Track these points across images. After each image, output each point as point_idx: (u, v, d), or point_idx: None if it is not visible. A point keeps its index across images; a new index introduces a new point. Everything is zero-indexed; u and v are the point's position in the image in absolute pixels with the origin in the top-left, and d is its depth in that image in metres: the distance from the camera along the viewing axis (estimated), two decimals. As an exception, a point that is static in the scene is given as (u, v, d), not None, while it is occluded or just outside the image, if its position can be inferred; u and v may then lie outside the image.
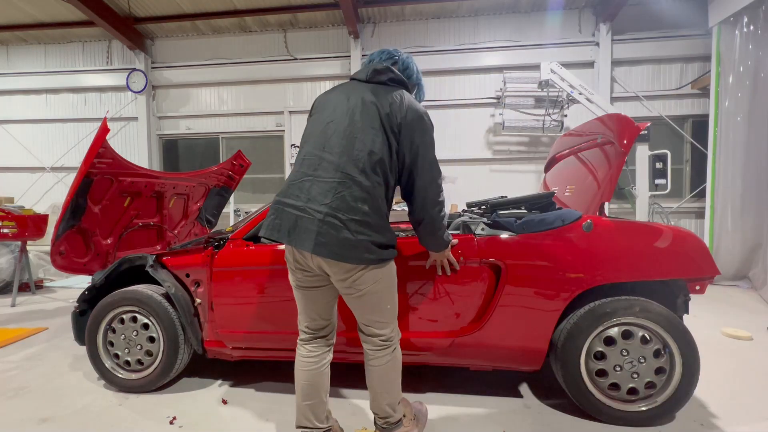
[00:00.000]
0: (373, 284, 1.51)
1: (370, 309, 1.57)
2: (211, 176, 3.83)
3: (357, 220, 1.41)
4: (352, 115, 1.50)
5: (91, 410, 2.09)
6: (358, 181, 1.44)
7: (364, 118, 1.49)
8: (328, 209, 1.41)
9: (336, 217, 1.41)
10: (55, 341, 3.13)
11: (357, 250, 1.41)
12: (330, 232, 1.40)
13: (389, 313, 1.60)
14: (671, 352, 1.85)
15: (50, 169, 7.46)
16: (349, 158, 1.46)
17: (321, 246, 1.41)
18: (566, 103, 5.66)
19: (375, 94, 1.52)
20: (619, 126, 2.35)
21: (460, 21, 6.44)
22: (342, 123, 1.51)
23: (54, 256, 2.70)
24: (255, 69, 6.85)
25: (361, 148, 1.46)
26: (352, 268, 1.45)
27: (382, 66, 1.60)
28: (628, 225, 1.95)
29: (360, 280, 1.49)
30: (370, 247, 1.43)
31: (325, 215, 1.41)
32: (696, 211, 6.04)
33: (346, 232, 1.40)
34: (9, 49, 7.48)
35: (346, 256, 1.42)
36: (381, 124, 1.48)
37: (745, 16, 4.75)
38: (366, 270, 1.47)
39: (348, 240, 1.40)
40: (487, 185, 6.39)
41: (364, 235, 1.42)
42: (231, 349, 2.25)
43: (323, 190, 1.44)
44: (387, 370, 1.60)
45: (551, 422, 1.93)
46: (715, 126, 5.07)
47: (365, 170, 1.45)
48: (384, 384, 1.61)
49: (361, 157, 1.45)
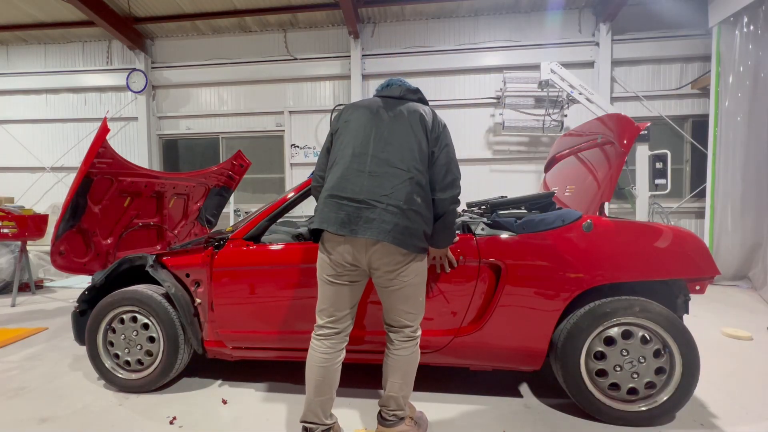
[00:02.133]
0: (414, 277, 1.64)
1: (406, 301, 1.66)
2: (211, 176, 3.83)
3: (414, 210, 1.56)
4: (396, 121, 1.67)
5: (91, 410, 2.09)
6: (411, 175, 1.59)
7: (411, 123, 1.66)
8: (389, 200, 1.55)
9: (397, 207, 1.54)
10: (55, 341, 3.13)
11: (414, 237, 1.56)
12: (393, 219, 1.53)
13: (422, 305, 1.72)
14: (671, 352, 1.85)
15: (50, 169, 7.46)
16: (401, 156, 1.61)
17: (384, 233, 1.52)
18: (566, 103, 5.67)
19: (413, 107, 1.71)
20: (619, 126, 2.35)
21: (460, 21, 6.44)
22: (387, 127, 1.66)
23: (54, 256, 2.70)
24: (255, 69, 6.85)
25: (410, 149, 1.62)
26: (405, 256, 1.58)
27: (414, 87, 1.82)
28: (628, 225, 1.95)
29: (406, 272, 1.61)
30: (422, 236, 1.59)
31: (387, 205, 1.54)
32: (696, 211, 6.04)
33: (406, 221, 1.54)
34: (9, 49, 7.48)
35: (407, 242, 1.54)
36: (423, 129, 1.66)
37: (745, 16, 4.75)
38: (413, 261, 1.61)
39: (408, 228, 1.54)
40: (487, 185, 6.38)
41: (418, 224, 1.57)
42: (231, 349, 2.25)
43: (380, 183, 1.57)
44: (409, 362, 1.69)
45: (551, 422, 1.93)
46: (715, 126, 5.07)
47: (416, 167, 1.60)
48: (404, 376, 1.69)
49: (411, 156, 1.61)
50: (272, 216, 2.22)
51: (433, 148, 1.65)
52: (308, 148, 6.88)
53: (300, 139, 6.89)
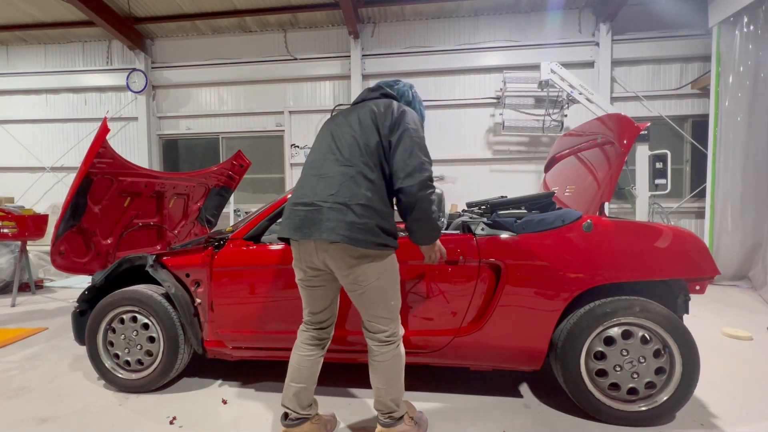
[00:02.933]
0: (376, 280, 1.56)
1: (373, 305, 1.61)
2: (211, 176, 3.83)
3: (362, 205, 1.50)
4: (351, 122, 1.64)
5: (91, 410, 2.09)
6: (360, 170, 1.54)
7: (361, 119, 1.62)
8: (334, 198, 1.51)
9: (343, 203, 1.50)
10: (55, 341, 3.13)
11: (365, 233, 1.48)
12: (337, 216, 1.49)
13: (393, 309, 1.64)
14: (671, 352, 1.85)
15: (50, 169, 7.46)
16: (351, 154, 1.57)
17: (329, 231, 1.48)
18: (566, 103, 5.67)
19: (367, 105, 1.66)
20: (619, 126, 2.35)
21: (460, 21, 6.44)
22: (343, 130, 1.64)
23: (54, 256, 2.70)
24: (255, 69, 6.85)
25: (357, 145, 1.57)
26: (359, 256, 1.51)
27: (375, 86, 1.78)
28: (628, 225, 1.95)
29: (364, 275, 1.54)
30: (376, 231, 1.50)
31: (333, 203, 1.51)
32: (696, 211, 6.04)
33: (351, 216, 1.48)
34: (9, 49, 7.48)
35: (356, 239, 1.47)
36: (373, 122, 1.59)
37: (745, 16, 4.75)
38: (371, 262, 1.53)
39: (354, 223, 1.48)
40: (487, 185, 6.39)
41: (369, 218, 1.49)
42: (231, 349, 2.25)
43: (329, 183, 1.55)
44: (392, 366, 1.63)
45: (551, 422, 1.93)
46: (715, 126, 5.07)
47: (363, 161, 1.55)
48: (389, 380, 1.64)
49: (358, 152, 1.56)
50: (272, 216, 2.22)
51: (390, 138, 1.55)
52: (308, 148, 6.87)
53: (300, 139, 6.89)
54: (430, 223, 1.59)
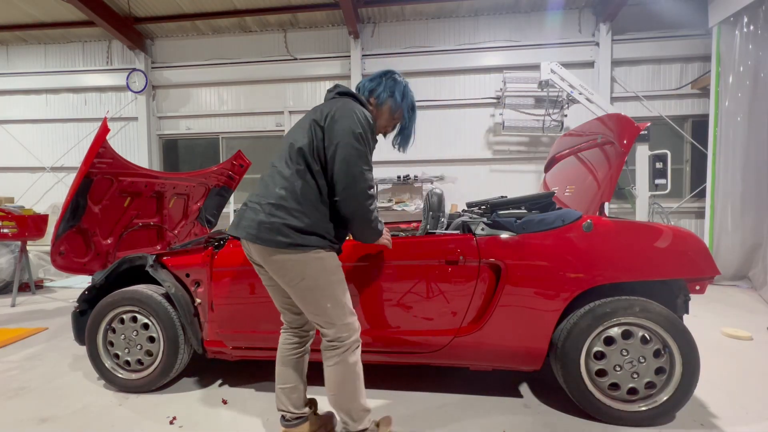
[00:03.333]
0: (300, 281, 1.52)
1: (306, 305, 1.57)
2: (211, 176, 3.82)
3: (272, 204, 1.49)
4: (300, 123, 1.63)
5: (91, 410, 2.09)
6: (279, 170, 1.55)
7: (301, 123, 1.62)
8: (257, 197, 1.55)
9: (258, 203, 1.53)
10: (55, 341, 3.13)
11: (271, 232, 1.47)
12: (250, 215, 1.52)
13: (331, 313, 1.55)
14: (671, 352, 1.85)
15: (50, 169, 7.46)
16: (279, 155, 1.59)
17: (241, 229, 1.53)
18: (566, 103, 5.66)
19: (320, 107, 1.61)
20: (619, 126, 2.35)
21: (460, 21, 6.44)
22: (290, 131, 1.65)
23: (54, 256, 2.69)
24: (255, 69, 6.85)
25: (287, 145, 1.58)
26: (271, 253, 1.50)
27: (332, 86, 1.73)
28: (628, 225, 1.95)
29: (285, 271, 1.52)
30: (284, 230, 1.46)
31: (253, 203, 1.54)
32: (696, 211, 6.04)
33: (262, 215, 1.49)
34: (9, 49, 7.48)
35: (262, 238, 1.47)
36: (309, 122, 1.56)
37: (745, 16, 4.75)
38: (285, 258, 1.49)
39: (263, 222, 1.48)
40: (487, 185, 6.38)
41: (277, 217, 1.47)
42: (231, 349, 2.25)
43: (263, 184, 1.58)
44: (337, 373, 1.55)
45: (551, 422, 1.93)
46: (715, 126, 5.07)
47: (286, 160, 1.55)
48: (336, 387, 1.56)
49: (285, 149, 1.57)
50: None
51: (325, 144, 1.51)
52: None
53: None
54: (368, 230, 1.63)
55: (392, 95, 1.70)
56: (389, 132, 1.80)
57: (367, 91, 1.71)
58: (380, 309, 2.06)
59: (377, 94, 1.69)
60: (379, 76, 1.73)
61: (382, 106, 1.71)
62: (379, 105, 1.70)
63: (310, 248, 1.49)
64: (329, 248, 1.56)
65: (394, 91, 1.70)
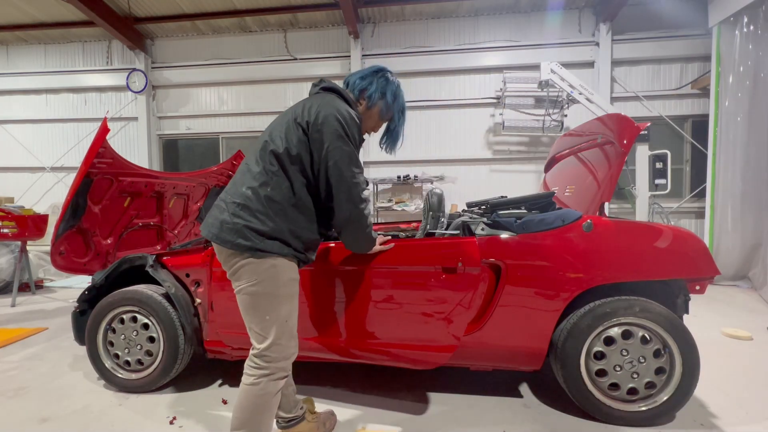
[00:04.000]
0: (248, 285, 1.42)
1: (245, 312, 1.46)
2: (211, 176, 3.83)
3: (237, 203, 1.43)
4: (279, 120, 1.55)
5: (91, 410, 2.09)
6: (249, 168, 1.48)
7: (279, 120, 1.54)
8: (224, 196, 1.49)
9: (224, 200, 1.47)
10: (55, 341, 3.13)
11: (232, 233, 1.40)
12: (215, 213, 1.47)
13: (267, 326, 1.42)
14: (671, 352, 1.85)
15: (50, 169, 7.46)
16: (252, 152, 1.52)
17: (206, 227, 1.48)
18: (566, 103, 5.66)
19: (303, 103, 1.55)
20: (619, 126, 2.35)
21: (460, 21, 6.44)
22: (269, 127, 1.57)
23: (54, 256, 2.70)
24: (255, 69, 6.84)
25: (261, 141, 1.51)
26: (229, 255, 1.44)
27: (318, 80, 1.67)
28: (628, 225, 1.95)
29: (238, 274, 1.44)
30: (245, 233, 1.39)
31: (221, 201, 1.49)
32: (696, 211, 6.04)
33: (225, 214, 1.43)
34: (9, 49, 7.48)
35: (222, 238, 1.41)
36: (288, 120, 1.49)
37: (745, 16, 4.75)
38: (244, 262, 1.41)
39: (225, 222, 1.42)
40: (487, 185, 6.38)
41: (240, 218, 1.40)
42: (231, 349, 2.24)
43: (232, 182, 1.52)
44: (246, 395, 1.41)
45: (551, 422, 1.93)
46: (715, 126, 5.07)
47: (257, 159, 1.47)
48: (242, 411, 1.41)
49: (258, 147, 1.50)
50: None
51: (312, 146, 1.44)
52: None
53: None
54: (364, 235, 1.61)
55: (383, 97, 1.64)
56: (376, 132, 1.75)
57: (357, 90, 1.63)
58: (376, 311, 2.03)
59: (369, 94, 1.62)
60: (371, 74, 1.65)
61: (373, 107, 1.65)
62: (369, 106, 1.64)
63: (268, 254, 1.40)
64: (291, 257, 1.46)
65: (385, 92, 1.64)
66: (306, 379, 2.33)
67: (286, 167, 1.44)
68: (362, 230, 1.59)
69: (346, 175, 1.45)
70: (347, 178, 1.46)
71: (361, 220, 1.54)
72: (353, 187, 1.48)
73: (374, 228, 2.98)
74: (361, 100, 1.64)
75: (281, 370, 1.45)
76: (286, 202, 1.44)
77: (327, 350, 2.07)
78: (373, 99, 1.63)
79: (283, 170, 1.44)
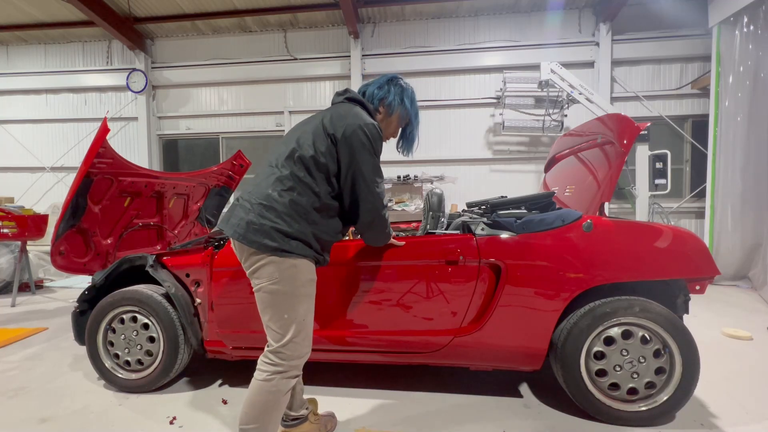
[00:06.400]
0: (269, 284, 1.45)
1: (263, 310, 1.49)
2: (211, 176, 3.83)
3: (263, 205, 1.46)
4: (305, 127, 1.58)
5: (91, 410, 2.09)
6: (276, 171, 1.51)
7: (305, 126, 1.59)
8: (249, 196, 1.51)
9: (249, 202, 1.49)
10: (55, 341, 3.13)
11: (258, 234, 1.43)
12: (240, 214, 1.49)
13: (285, 324, 1.46)
14: (671, 352, 1.85)
15: (50, 169, 7.46)
16: (277, 155, 1.55)
17: (230, 227, 1.50)
18: (566, 103, 5.66)
19: (330, 112, 1.59)
20: (619, 126, 2.35)
21: (460, 21, 6.44)
22: (292, 134, 1.60)
23: (54, 256, 2.70)
24: (255, 69, 6.85)
25: (286, 147, 1.54)
26: (254, 255, 1.46)
27: (342, 89, 1.71)
28: (628, 225, 1.95)
29: (259, 272, 1.46)
30: (272, 234, 1.43)
31: (244, 201, 1.51)
32: (696, 211, 6.04)
33: (252, 215, 1.46)
34: (9, 49, 7.48)
35: (249, 238, 1.44)
36: (316, 126, 1.54)
37: (745, 16, 4.75)
38: (267, 264, 1.44)
39: (251, 222, 1.45)
40: (487, 185, 6.39)
41: (267, 219, 1.44)
42: (231, 349, 2.24)
43: (256, 183, 1.55)
44: (259, 392, 1.43)
45: (551, 422, 1.93)
46: (715, 126, 5.07)
47: (284, 163, 1.51)
48: (251, 407, 1.43)
49: (285, 153, 1.52)
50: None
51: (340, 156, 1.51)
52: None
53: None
54: (383, 235, 1.75)
55: (402, 102, 1.72)
56: (395, 137, 1.84)
57: (377, 99, 1.70)
58: (380, 308, 2.05)
59: (388, 103, 1.70)
60: (386, 83, 1.72)
61: (392, 114, 1.73)
62: (389, 114, 1.72)
63: (291, 254, 1.45)
64: (311, 258, 1.51)
65: (403, 98, 1.72)
66: (306, 379, 2.33)
67: (313, 173, 1.50)
68: (382, 231, 1.73)
69: (371, 186, 1.55)
70: (372, 188, 1.55)
71: (382, 223, 1.67)
72: (377, 196, 1.58)
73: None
74: (380, 108, 1.72)
75: (294, 369, 1.49)
76: (310, 206, 1.49)
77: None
78: (393, 106, 1.71)
79: (310, 176, 1.50)
